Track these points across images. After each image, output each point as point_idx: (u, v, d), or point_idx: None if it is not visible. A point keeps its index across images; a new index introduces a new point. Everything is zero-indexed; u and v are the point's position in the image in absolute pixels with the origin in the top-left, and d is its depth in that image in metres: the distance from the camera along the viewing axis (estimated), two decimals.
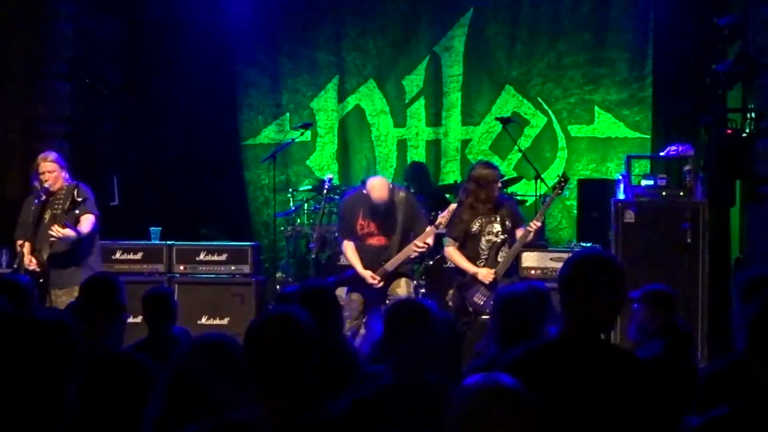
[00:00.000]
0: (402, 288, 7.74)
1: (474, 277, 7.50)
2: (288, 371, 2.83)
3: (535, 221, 7.56)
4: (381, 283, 7.73)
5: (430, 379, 3.58)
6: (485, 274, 7.46)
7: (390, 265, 7.70)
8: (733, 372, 3.56)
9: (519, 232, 7.60)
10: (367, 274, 7.73)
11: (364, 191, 7.85)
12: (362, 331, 7.78)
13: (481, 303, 7.39)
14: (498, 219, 7.58)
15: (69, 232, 7.12)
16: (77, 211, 7.17)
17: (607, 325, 3.40)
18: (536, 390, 2.43)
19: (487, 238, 7.56)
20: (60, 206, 7.24)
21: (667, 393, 3.22)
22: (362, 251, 7.84)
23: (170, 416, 3.02)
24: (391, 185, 7.91)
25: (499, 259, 7.55)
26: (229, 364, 3.05)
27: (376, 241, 7.83)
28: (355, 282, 7.82)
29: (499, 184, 7.75)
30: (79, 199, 7.10)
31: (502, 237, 7.57)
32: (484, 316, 7.13)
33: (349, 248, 7.89)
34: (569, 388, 3.08)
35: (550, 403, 2.57)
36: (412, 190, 9.84)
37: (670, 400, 3.22)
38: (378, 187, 7.76)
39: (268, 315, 3.02)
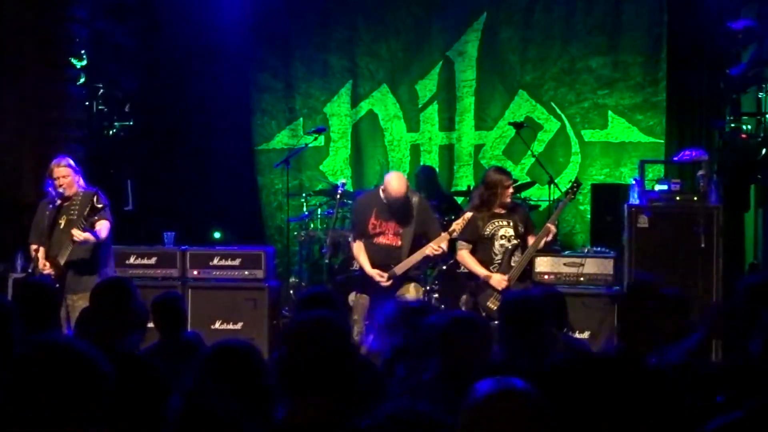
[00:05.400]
0: (411, 293, 7.65)
1: (486, 282, 7.49)
2: (328, 373, 2.85)
3: (549, 224, 7.54)
4: (389, 282, 7.65)
5: None
6: (498, 280, 7.45)
7: (399, 269, 7.65)
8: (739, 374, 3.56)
9: (531, 239, 7.60)
10: (374, 273, 7.65)
11: (380, 190, 7.84)
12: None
13: (495, 308, 7.36)
14: (511, 223, 7.59)
15: (88, 235, 7.20)
16: (95, 217, 7.23)
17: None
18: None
19: (500, 242, 7.56)
20: (76, 211, 7.32)
21: (681, 399, 3.22)
22: (372, 250, 7.76)
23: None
24: (407, 183, 7.87)
25: (513, 264, 7.54)
26: (250, 370, 3.06)
27: (386, 240, 7.76)
28: (363, 283, 7.78)
29: (512, 190, 7.73)
30: (99, 206, 7.16)
31: (515, 242, 7.57)
32: (496, 322, 7.10)
33: (359, 249, 7.83)
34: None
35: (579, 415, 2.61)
36: (423, 195, 9.84)
37: (685, 405, 3.22)
38: (395, 181, 7.70)
39: (306, 318, 3.04)
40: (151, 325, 5.78)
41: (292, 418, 2.85)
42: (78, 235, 7.14)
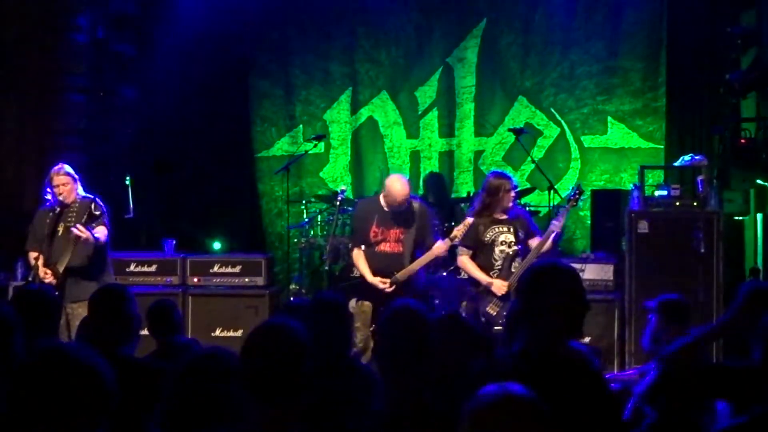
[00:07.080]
0: None
1: (487, 288, 7.48)
2: (280, 381, 2.84)
3: (555, 222, 7.49)
4: (392, 288, 7.65)
5: None
6: (499, 286, 7.43)
7: (402, 275, 7.66)
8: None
9: (533, 242, 7.58)
10: (376, 280, 7.64)
11: (380, 197, 7.83)
12: (371, 343, 7.71)
13: (494, 314, 7.36)
14: (511, 229, 7.57)
15: (89, 234, 7.12)
16: (93, 224, 7.22)
17: (572, 332, 3.43)
18: None
19: (501, 248, 7.54)
20: (74, 219, 7.29)
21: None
22: (374, 258, 7.75)
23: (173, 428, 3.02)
24: (410, 185, 7.85)
25: (513, 270, 7.53)
26: (227, 377, 3.07)
27: (388, 248, 7.75)
28: (365, 290, 7.75)
29: (513, 194, 7.71)
30: (97, 213, 7.15)
31: (515, 248, 7.56)
32: (497, 327, 7.11)
33: (359, 256, 7.82)
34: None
35: None
36: (429, 201, 9.83)
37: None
38: (398, 183, 7.69)
39: (261, 326, 3.04)
40: (144, 332, 5.79)
41: (249, 427, 2.83)
42: (80, 231, 7.06)
